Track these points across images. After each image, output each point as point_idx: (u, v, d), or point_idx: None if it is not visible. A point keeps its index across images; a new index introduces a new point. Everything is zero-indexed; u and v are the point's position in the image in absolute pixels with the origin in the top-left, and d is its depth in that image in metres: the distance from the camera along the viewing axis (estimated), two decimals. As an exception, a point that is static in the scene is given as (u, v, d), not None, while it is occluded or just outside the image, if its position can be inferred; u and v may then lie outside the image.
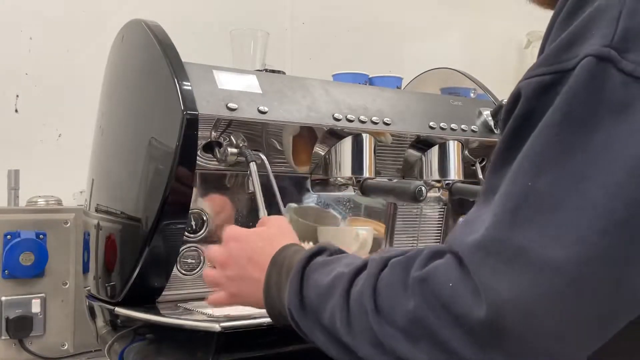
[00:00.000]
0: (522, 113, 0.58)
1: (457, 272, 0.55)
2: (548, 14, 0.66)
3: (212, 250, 0.88)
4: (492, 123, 1.33)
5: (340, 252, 0.74)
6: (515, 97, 0.60)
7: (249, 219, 1.14)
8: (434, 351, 0.56)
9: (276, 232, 0.85)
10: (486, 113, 1.34)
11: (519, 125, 0.58)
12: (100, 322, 1.15)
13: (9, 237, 1.25)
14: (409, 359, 0.58)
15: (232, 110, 1.04)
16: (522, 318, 0.52)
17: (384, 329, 0.59)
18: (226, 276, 0.85)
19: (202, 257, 1.12)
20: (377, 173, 1.22)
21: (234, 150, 1.07)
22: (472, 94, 1.47)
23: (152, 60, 1.05)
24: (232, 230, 0.88)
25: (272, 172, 1.14)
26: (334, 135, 1.17)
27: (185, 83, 1.00)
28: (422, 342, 0.57)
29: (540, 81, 0.57)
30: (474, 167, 1.36)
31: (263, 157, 1.07)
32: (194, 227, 1.11)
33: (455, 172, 1.29)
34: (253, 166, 1.04)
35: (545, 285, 0.52)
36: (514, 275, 0.53)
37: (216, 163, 1.09)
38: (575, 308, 0.52)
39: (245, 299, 0.84)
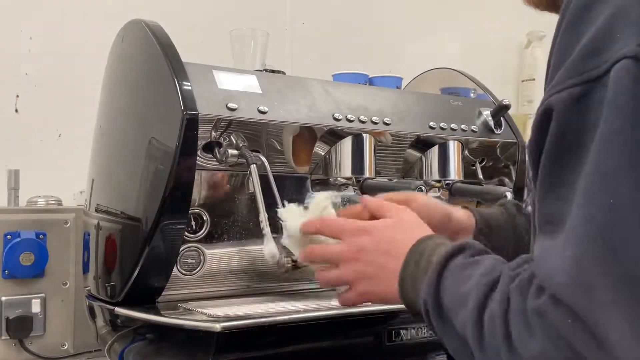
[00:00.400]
0: (557, 129, 0.57)
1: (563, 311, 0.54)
2: (548, 14, 0.66)
3: (332, 247, 0.83)
4: (492, 123, 1.33)
5: (482, 252, 0.71)
6: (546, 113, 0.58)
7: (250, 218, 1.14)
8: None
9: (412, 223, 0.81)
10: (486, 113, 1.34)
11: (558, 143, 0.57)
12: (100, 322, 1.15)
13: (9, 237, 1.26)
14: None
15: (232, 110, 1.04)
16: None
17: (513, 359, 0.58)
18: (357, 272, 0.80)
19: (202, 257, 1.12)
20: (377, 173, 1.22)
21: (235, 152, 1.06)
22: (472, 94, 1.47)
23: (152, 60, 1.05)
24: (357, 223, 0.83)
25: (272, 172, 1.14)
26: (334, 135, 1.17)
27: (185, 83, 1.00)
28: None
29: (570, 93, 0.56)
30: (474, 167, 1.36)
31: (263, 158, 1.07)
32: (194, 227, 1.11)
33: (455, 172, 1.29)
34: (254, 168, 1.04)
35: None
36: (626, 305, 0.50)
37: (216, 163, 1.09)
38: None
39: (379, 296, 0.80)
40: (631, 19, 0.54)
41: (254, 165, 1.04)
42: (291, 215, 0.92)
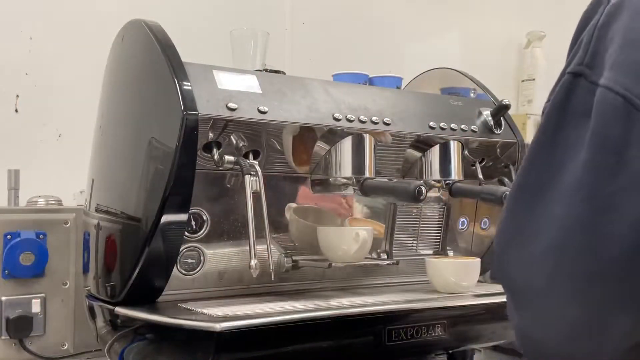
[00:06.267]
0: None
1: None
2: (548, 14, 0.68)
3: None
4: (492, 123, 1.33)
5: None
6: None
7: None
8: None
9: None
10: (486, 113, 1.34)
11: None
12: (100, 322, 1.15)
13: (9, 237, 1.25)
14: None
15: (232, 110, 1.04)
16: None
17: None
18: None
19: (202, 257, 1.12)
20: (377, 173, 1.22)
21: (231, 158, 1.06)
22: (472, 94, 1.47)
23: (152, 60, 1.05)
24: None
25: (272, 172, 1.14)
26: (334, 135, 1.17)
27: (185, 83, 1.00)
28: None
29: None
30: (474, 167, 1.36)
31: (258, 169, 1.06)
32: (194, 227, 1.11)
33: (455, 172, 1.29)
34: (248, 179, 1.04)
35: None
36: None
37: (216, 163, 1.09)
38: None
39: None
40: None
41: (248, 175, 1.04)
42: None
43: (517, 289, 0.61)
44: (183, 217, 1.02)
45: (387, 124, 1.20)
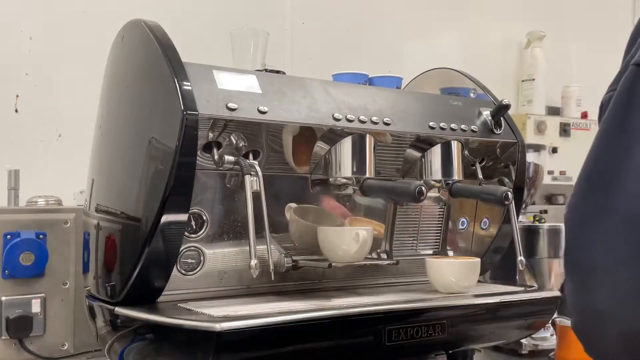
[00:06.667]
0: None
1: None
2: (548, 14, 0.70)
3: None
4: (492, 123, 1.33)
5: None
6: None
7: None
8: None
9: None
10: (486, 113, 1.34)
11: None
12: (100, 322, 1.15)
13: (9, 237, 1.26)
14: None
15: (232, 110, 1.04)
16: None
17: None
18: None
19: (202, 257, 1.12)
20: (377, 173, 1.22)
21: (231, 158, 1.06)
22: (472, 94, 1.47)
23: (152, 60, 1.05)
24: None
25: (272, 172, 1.14)
26: (334, 135, 1.17)
27: (185, 83, 1.00)
28: None
29: None
30: (474, 167, 1.36)
31: (258, 169, 1.06)
32: (194, 227, 1.11)
33: (455, 172, 1.29)
34: (248, 179, 1.04)
35: None
36: None
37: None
38: None
39: None
40: None
41: (248, 175, 1.04)
42: None
43: (597, 265, 0.64)
44: (183, 217, 1.02)
45: (387, 124, 1.20)
